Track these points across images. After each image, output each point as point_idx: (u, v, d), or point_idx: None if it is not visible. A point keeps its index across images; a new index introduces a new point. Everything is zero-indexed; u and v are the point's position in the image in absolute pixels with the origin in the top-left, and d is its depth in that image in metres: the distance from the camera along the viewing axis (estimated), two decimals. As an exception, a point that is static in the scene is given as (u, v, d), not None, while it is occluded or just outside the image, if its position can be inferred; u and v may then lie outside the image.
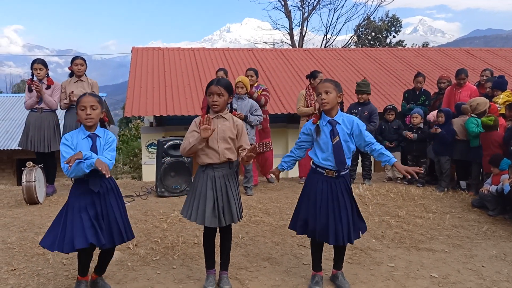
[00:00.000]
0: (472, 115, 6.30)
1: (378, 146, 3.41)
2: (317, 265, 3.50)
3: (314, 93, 6.41)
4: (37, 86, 5.87)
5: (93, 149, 3.11)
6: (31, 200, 5.53)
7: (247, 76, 6.84)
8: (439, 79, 7.55)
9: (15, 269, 3.63)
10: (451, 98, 7.05)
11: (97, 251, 3.26)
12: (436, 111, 6.82)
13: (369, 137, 3.41)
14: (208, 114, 3.31)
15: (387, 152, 3.41)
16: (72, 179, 3.16)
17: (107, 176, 3.01)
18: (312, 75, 6.92)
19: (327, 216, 3.29)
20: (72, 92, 5.95)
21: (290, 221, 3.55)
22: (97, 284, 3.31)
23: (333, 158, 3.31)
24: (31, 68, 6.06)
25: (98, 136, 3.17)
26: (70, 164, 2.91)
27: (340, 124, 3.35)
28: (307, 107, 6.79)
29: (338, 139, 3.31)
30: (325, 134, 3.34)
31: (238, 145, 3.38)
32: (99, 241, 3.04)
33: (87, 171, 2.99)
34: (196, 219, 3.27)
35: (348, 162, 3.37)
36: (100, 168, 2.93)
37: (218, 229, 3.42)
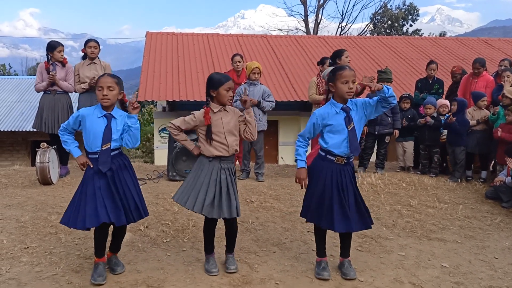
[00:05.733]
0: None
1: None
2: (321, 251, 3.48)
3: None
4: (52, 77, 5.93)
5: (107, 129, 3.14)
6: (45, 180, 5.60)
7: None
8: (453, 72, 7.39)
9: (28, 247, 3.69)
10: (467, 87, 6.95)
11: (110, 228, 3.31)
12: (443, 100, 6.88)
13: (371, 101, 3.33)
14: (209, 107, 3.34)
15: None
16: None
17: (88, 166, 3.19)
18: (322, 62, 6.89)
19: (336, 203, 3.26)
20: (94, 78, 5.99)
21: (302, 209, 3.51)
22: (111, 261, 3.35)
23: (347, 145, 3.27)
24: (49, 51, 6.07)
25: (114, 117, 3.19)
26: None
27: (352, 110, 3.32)
28: (319, 94, 6.74)
29: (353, 125, 3.28)
30: (339, 121, 3.29)
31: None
32: (111, 219, 3.09)
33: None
34: (193, 207, 3.24)
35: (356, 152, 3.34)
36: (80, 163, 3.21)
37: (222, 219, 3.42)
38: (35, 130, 6.27)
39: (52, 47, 6.07)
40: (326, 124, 3.31)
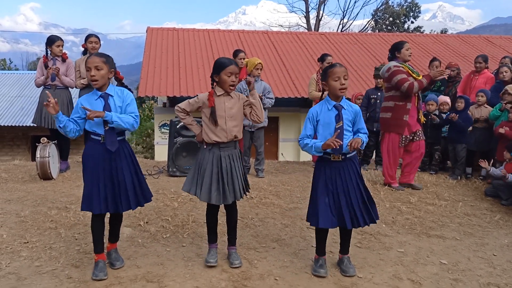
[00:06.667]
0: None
1: (362, 134, 3.39)
2: (321, 250, 3.46)
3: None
4: (56, 71, 5.92)
5: (106, 108, 3.11)
6: (45, 175, 5.61)
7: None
8: (447, 67, 7.40)
9: (28, 242, 3.70)
10: (467, 84, 6.97)
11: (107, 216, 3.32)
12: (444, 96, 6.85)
13: (362, 124, 3.40)
14: (213, 90, 3.36)
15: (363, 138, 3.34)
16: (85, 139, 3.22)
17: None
18: (322, 58, 6.87)
19: (340, 202, 3.26)
20: None
21: (307, 214, 3.44)
22: (110, 256, 3.36)
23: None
24: (48, 45, 6.07)
25: (110, 95, 3.16)
26: (91, 116, 3.02)
27: (345, 109, 3.33)
28: (319, 91, 6.72)
29: (341, 124, 3.28)
30: (330, 117, 3.31)
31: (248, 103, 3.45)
32: (106, 210, 3.12)
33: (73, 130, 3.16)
34: (200, 195, 3.30)
35: (346, 148, 3.28)
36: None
37: (223, 206, 3.45)
38: (35, 125, 6.27)
39: (51, 41, 6.06)
40: (318, 119, 3.35)
